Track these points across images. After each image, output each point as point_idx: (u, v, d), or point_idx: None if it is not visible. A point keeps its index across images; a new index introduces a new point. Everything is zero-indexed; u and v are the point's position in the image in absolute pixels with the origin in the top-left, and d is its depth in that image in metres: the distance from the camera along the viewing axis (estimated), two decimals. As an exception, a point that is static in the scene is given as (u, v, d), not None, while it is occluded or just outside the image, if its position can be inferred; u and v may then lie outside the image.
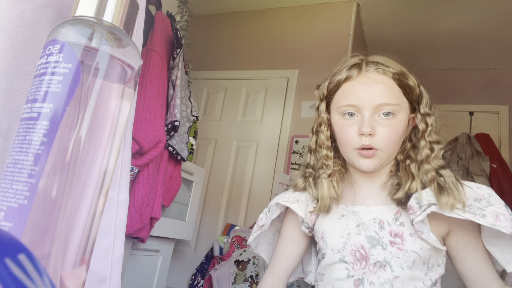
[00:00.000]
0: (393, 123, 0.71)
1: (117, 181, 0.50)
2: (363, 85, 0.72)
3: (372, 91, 0.71)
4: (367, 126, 0.70)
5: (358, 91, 0.72)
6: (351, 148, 0.73)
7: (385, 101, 0.70)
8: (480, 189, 0.69)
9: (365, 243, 0.72)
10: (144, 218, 1.52)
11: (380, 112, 0.71)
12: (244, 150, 2.63)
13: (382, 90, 0.71)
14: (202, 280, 2.21)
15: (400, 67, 0.76)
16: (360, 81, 0.73)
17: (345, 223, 0.76)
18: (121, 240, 0.49)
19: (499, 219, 0.63)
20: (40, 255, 0.28)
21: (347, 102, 0.73)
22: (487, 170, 2.76)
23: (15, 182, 0.29)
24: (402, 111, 0.72)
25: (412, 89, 0.75)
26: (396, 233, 0.71)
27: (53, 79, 0.31)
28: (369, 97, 0.71)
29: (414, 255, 0.69)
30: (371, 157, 0.71)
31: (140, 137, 1.44)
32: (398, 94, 0.73)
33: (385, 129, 0.70)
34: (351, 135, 0.72)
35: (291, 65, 2.65)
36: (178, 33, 1.75)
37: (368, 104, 0.71)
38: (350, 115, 0.73)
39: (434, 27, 2.76)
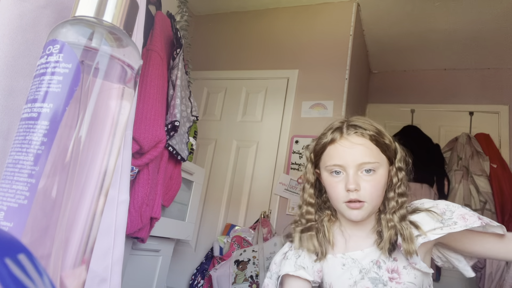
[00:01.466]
0: (374, 178, 0.82)
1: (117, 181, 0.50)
2: (346, 148, 0.84)
3: (354, 153, 0.83)
4: (352, 183, 0.81)
5: (341, 152, 0.84)
6: (340, 202, 0.84)
7: (365, 160, 0.82)
8: (439, 205, 0.84)
9: (370, 285, 0.82)
10: (144, 218, 1.52)
11: (362, 169, 0.82)
12: (244, 150, 2.63)
13: (362, 151, 0.83)
14: (202, 280, 2.21)
15: (377, 128, 0.87)
16: (343, 144, 0.85)
17: (349, 272, 0.85)
18: (121, 240, 0.49)
19: (466, 219, 0.79)
20: (40, 255, 0.28)
21: (333, 162, 0.84)
22: (487, 170, 2.76)
23: (15, 182, 0.29)
24: (381, 167, 0.84)
25: (388, 146, 0.86)
26: (392, 269, 0.82)
27: (53, 79, 0.31)
28: (351, 157, 0.82)
29: (410, 285, 0.81)
30: (358, 208, 0.82)
31: (140, 137, 1.44)
32: (377, 153, 0.84)
33: (368, 184, 0.82)
34: (339, 191, 0.83)
35: (291, 65, 2.65)
36: (178, 33, 1.75)
37: (351, 163, 0.82)
38: (336, 173, 0.84)
39: (434, 27, 2.76)
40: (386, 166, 0.85)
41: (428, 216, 0.83)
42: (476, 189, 2.76)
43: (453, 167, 2.88)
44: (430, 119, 3.20)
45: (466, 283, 2.71)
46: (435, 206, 0.84)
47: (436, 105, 3.24)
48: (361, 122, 0.87)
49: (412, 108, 3.29)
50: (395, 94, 3.42)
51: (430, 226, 0.80)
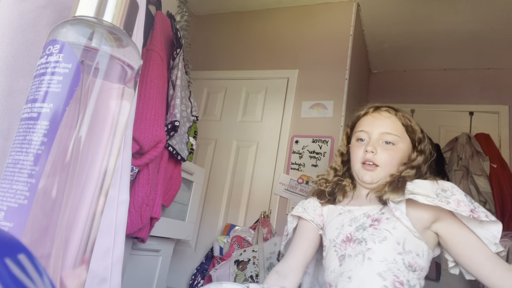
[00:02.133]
0: (392, 148, 0.93)
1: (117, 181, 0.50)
2: (374, 118, 0.98)
3: (380, 123, 0.96)
4: (371, 145, 0.94)
5: (370, 121, 0.98)
6: (358, 162, 0.96)
7: (387, 130, 0.94)
8: (445, 183, 0.87)
9: (353, 230, 0.89)
10: (144, 218, 1.52)
11: (383, 139, 0.94)
12: (244, 150, 2.63)
13: (388, 123, 0.96)
14: (202, 280, 2.21)
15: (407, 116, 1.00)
16: (373, 115, 0.99)
17: (341, 218, 0.94)
18: (121, 240, 0.49)
19: (460, 206, 0.80)
20: (40, 255, 0.28)
21: (361, 128, 0.99)
22: (487, 170, 2.76)
23: (15, 182, 0.29)
24: (401, 142, 0.94)
25: (414, 130, 0.98)
26: (376, 218, 0.88)
27: (53, 79, 0.31)
28: (377, 126, 0.96)
29: (385, 232, 0.84)
30: (371, 170, 0.93)
31: (140, 137, 1.44)
32: (400, 129, 0.96)
33: (385, 152, 0.93)
34: (359, 152, 0.96)
35: (291, 65, 2.65)
36: (178, 33, 1.75)
37: (375, 130, 0.95)
38: (361, 140, 0.97)
39: (434, 27, 2.76)
40: (407, 145, 0.95)
41: (430, 184, 0.86)
42: (476, 189, 2.76)
43: (453, 167, 2.88)
44: (430, 119, 3.20)
45: (466, 283, 2.71)
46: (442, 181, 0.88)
47: (436, 105, 3.24)
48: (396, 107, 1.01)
49: (412, 108, 3.29)
50: (395, 94, 3.42)
51: (425, 192, 0.83)
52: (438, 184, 0.86)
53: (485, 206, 2.71)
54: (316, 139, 2.41)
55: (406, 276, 0.80)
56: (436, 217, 0.85)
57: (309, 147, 2.41)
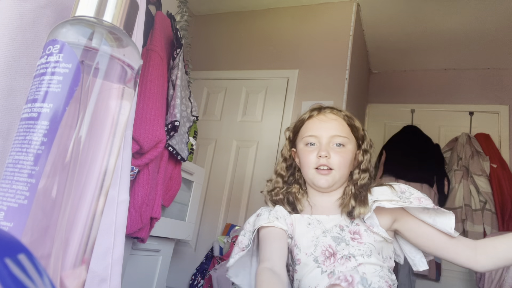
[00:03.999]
0: (343, 150, 0.93)
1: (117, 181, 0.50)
2: (321, 121, 0.96)
3: (328, 125, 0.95)
4: (324, 150, 0.92)
5: (317, 125, 0.96)
6: (311, 168, 0.93)
7: (337, 133, 0.93)
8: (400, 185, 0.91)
9: (332, 242, 0.87)
10: (144, 218, 1.52)
11: (334, 142, 0.93)
12: (244, 150, 2.63)
13: (336, 125, 0.95)
14: (202, 280, 2.21)
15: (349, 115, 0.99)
16: (319, 118, 0.97)
17: (313, 230, 0.91)
18: (121, 240, 0.49)
19: (421, 201, 0.85)
20: (40, 255, 0.28)
21: (309, 133, 0.96)
22: (487, 170, 2.76)
23: (15, 182, 0.29)
24: (350, 144, 0.94)
25: (358, 129, 0.98)
26: (354, 231, 0.88)
27: (53, 79, 0.31)
28: (326, 129, 0.94)
29: (370, 246, 0.86)
30: (327, 175, 0.91)
31: (140, 137, 1.44)
32: (347, 130, 0.96)
33: (337, 155, 0.92)
34: (311, 158, 0.93)
35: (291, 65, 2.65)
36: (178, 33, 1.75)
37: (325, 134, 0.93)
38: (311, 144, 0.95)
39: (434, 27, 2.76)
40: (354, 146, 0.96)
41: (389, 190, 0.90)
42: (476, 189, 2.76)
43: (453, 167, 2.88)
44: (430, 119, 3.20)
45: (466, 283, 2.71)
46: (397, 185, 0.92)
47: (436, 105, 3.24)
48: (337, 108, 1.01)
49: (412, 108, 3.29)
50: (395, 94, 3.42)
51: (387, 197, 0.87)
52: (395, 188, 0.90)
53: (485, 206, 2.71)
54: (316, 139, 2.41)
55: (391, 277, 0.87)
56: (394, 218, 0.90)
57: (309, 147, 2.41)
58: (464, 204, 2.73)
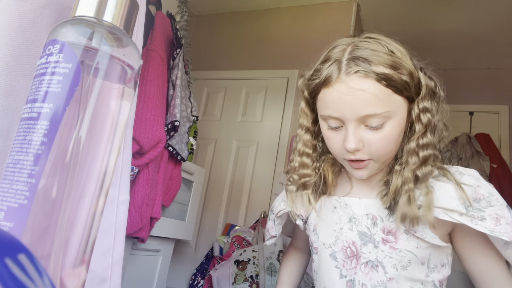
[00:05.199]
0: (383, 132, 0.62)
1: (117, 181, 0.50)
2: (343, 94, 0.61)
3: (354, 102, 0.60)
4: (351, 142, 0.62)
5: (337, 101, 0.62)
6: (341, 158, 0.68)
7: (370, 112, 0.60)
8: (480, 188, 0.62)
9: (357, 240, 0.67)
10: (144, 218, 1.52)
11: (366, 123, 0.62)
12: (244, 150, 2.63)
13: (365, 99, 0.60)
14: (202, 280, 2.21)
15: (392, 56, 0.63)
16: (339, 89, 0.61)
17: (337, 216, 0.71)
18: (121, 240, 0.49)
19: (499, 223, 0.57)
20: (40, 255, 0.28)
21: (328, 113, 0.64)
22: (487, 170, 2.76)
23: (15, 182, 0.29)
24: (394, 115, 0.62)
25: (407, 84, 0.63)
26: (389, 230, 0.65)
27: (53, 79, 0.31)
28: (350, 109, 0.61)
29: (409, 254, 0.63)
30: (363, 168, 0.66)
31: (140, 137, 1.44)
32: (387, 98, 0.61)
33: (374, 140, 0.62)
34: (338, 147, 0.66)
35: (291, 65, 2.65)
36: (178, 33, 1.75)
37: (350, 116, 0.61)
38: (333, 126, 0.65)
39: (434, 27, 2.76)
40: (403, 110, 0.64)
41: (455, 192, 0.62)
42: (476, 189, 2.75)
43: (453, 167, 2.88)
44: (430, 119, 3.20)
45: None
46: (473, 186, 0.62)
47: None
48: (370, 50, 0.63)
49: (412, 108, 3.29)
50: (395, 94, 3.42)
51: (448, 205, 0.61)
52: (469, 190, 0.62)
53: (485, 206, 2.71)
54: (316, 139, 2.41)
55: None
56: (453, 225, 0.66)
57: (309, 147, 2.41)
58: (464, 204, 2.73)
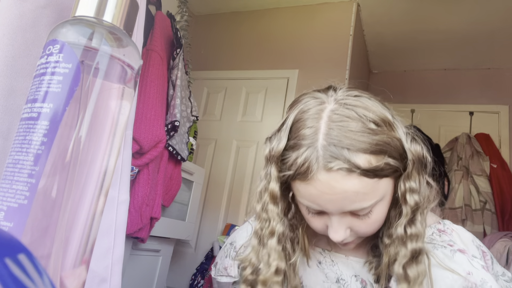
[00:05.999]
0: (372, 217, 0.56)
1: (117, 181, 0.50)
2: (324, 194, 0.52)
3: (337, 200, 0.52)
4: (337, 233, 0.55)
5: (317, 198, 0.53)
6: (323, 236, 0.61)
7: (356, 207, 0.53)
8: (472, 276, 0.55)
9: None
10: (144, 218, 1.52)
11: (353, 213, 0.55)
12: (244, 150, 2.63)
13: (351, 198, 0.52)
14: (202, 280, 2.21)
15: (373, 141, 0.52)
16: (319, 188, 0.52)
17: (324, 274, 0.64)
18: (121, 240, 0.49)
19: None
20: (40, 255, 0.28)
21: (306, 203, 0.55)
22: (487, 170, 2.76)
23: (15, 182, 0.29)
24: (382, 200, 0.55)
25: (395, 167, 0.54)
26: None
27: (53, 79, 0.31)
28: (334, 206, 0.53)
29: None
30: (350, 246, 0.61)
31: (140, 137, 1.44)
32: (375, 189, 0.53)
33: (362, 226, 0.56)
34: (321, 229, 0.58)
35: (291, 65, 2.65)
36: (178, 33, 1.75)
37: (335, 211, 0.54)
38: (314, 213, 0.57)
39: (434, 27, 2.76)
40: (390, 189, 0.56)
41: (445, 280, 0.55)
42: (476, 189, 2.76)
43: (453, 167, 2.88)
44: (430, 119, 3.20)
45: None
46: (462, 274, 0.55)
47: (436, 105, 3.24)
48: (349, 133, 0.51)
49: (412, 108, 3.29)
50: (395, 94, 3.42)
51: None
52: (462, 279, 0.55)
53: (485, 206, 2.71)
54: (316, 139, 2.41)
55: None
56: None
57: (309, 147, 2.41)
58: (464, 204, 2.73)
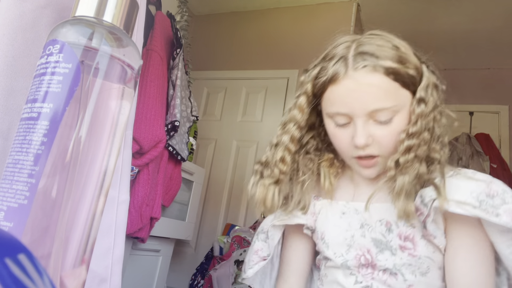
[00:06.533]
0: (392, 126, 0.62)
1: (117, 181, 0.50)
2: (351, 91, 0.61)
3: (362, 97, 0.60)
4: (361, 137, 0.61)
5: (345, 97, 0.62)
6: (348, 156, 0.66)
7: (379, 106, 0.60)
8: (493, 184, 0.59)
9: (372, 247, 0.63)
10: (144, 218, 1.52)
11: (375, 118, 0.62)
12: (244, 150, 2.63)
13: (375, 94, 0.60)
14: (202, 280, 2.21)
15: (398, 51, 0.65)
16: (347, 85, 0.61)
17: (347, 222, 0.67)
18: (121, 240, 0.49)
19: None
20: (40, 255, 0.28)
21: (335, 109, 0.63)
22: (487, 170, 2.76)
23: (15, 182, 0.29)
24: (402, 109, 0.62)
25: (413, 78, 0.64)
26: (406, 236, 0.62)
27: (53, 79, 0.31)
28: (359, 104, 0.61)
29: (428, 261, 0.61)
30: (371, 166, 0.64)
31: (140, 137, 1.44)
32: (395, 92, 0.61)
33: (383, 134, 0.62)
34: (345, 144, 0.64)
35: (291, 65, 2.65)
36: (178, 33, 1.75)
37: (359, 112, 0.61)
38: (340, 124, 0.64)
39: (434, 27, 2.75)
40: (407, 107, 0.63)
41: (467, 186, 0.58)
42: (476, 189, 2.75)
43: (453, 167, 2.88)
44: (430, 119, 3.20)
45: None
46: (486, 181, 0.59)
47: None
48: (376, 46, 0.64)
49: (412, 108, 3.29)
50: (395, 94, 3.42)
51: (460, 198, 0.57)
52: (485, 185, 0.58)
53: (485, 206, 2.71)
54: (316, 139, 2.41)
55: None
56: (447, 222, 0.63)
57: (309, 147, 2.41)
58: (464, 204, 2.73)
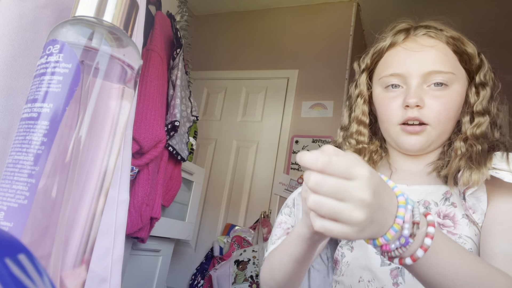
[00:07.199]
0: (446, 94, 0.60)
1: (117, 181, 0.50)
2: (410, 51, 0.62)
3: (421, 58, 0.61)
4: (414, 95, 0.59)
5: (403, 57, 0.62)
6: (394, 123, 0.63)
7: (436, 68, 0.59)
8: None
9: None
10: (144, 218, 1.51)
11: (431, 82, 0.60)
12: (244, 150, 2.63)
13: (434, 56, 0.61)
14: (202, 280, 2.21)
15: (457, 33, 0.66)
16: (407, 46, 0.62)
17: None
18: (121, 240, 0.49)
19: None
20: (40, 255, 0.28)
21: (391, 71, 0.63)
22: (487, 170, 2.76)
23: (15, 182, 0.29)
24: (457, 82, 0.61)
25: (471, 57, 0.64)
26: (446, 214, 0.58)
27: (53, 79, 0.31)
28: (417, 64, 0.60)
29: (469, 241, 0.56)
30: (418, 133, 0.61)
31: (140, 137, 1.44)
32: (453, 62, 0.62)
33: (436, 101, 0.59)
34: (394, 108, 0.62)
35: (291, 65, 2.66)
36: (178, 33, 1.75)
37: (415, 72, 0.60)
38: (393, 86, 0.63)
39: (434, 27, 2.76)
40: (463, 83, 0.62)
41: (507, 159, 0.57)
42: (476, 189, 2.76)
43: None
44: (430, 119, 3.20)
45: None
46: None
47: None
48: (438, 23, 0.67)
49: (412, 108, 3.29)
50: (395, 94, 3.42)
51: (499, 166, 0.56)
52: None
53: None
54: (316, 139, 2.41)
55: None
56: None
57: (309, 147, 2.41)
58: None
